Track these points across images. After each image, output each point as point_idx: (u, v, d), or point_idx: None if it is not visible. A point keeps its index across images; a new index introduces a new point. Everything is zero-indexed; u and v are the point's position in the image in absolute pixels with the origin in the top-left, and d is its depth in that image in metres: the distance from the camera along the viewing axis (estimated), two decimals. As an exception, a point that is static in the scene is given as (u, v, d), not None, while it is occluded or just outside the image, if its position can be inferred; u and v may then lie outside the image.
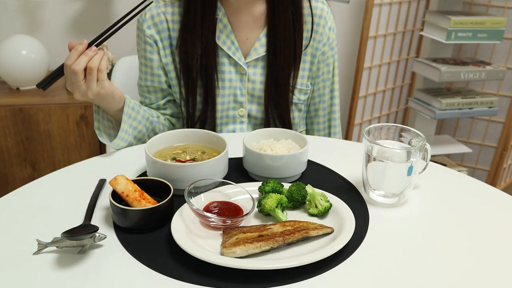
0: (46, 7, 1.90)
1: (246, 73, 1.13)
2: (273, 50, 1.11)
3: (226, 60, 1.12)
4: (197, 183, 0.79)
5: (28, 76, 1.73)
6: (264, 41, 1.12)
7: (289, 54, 1.11)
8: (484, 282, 0.66)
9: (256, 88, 1.15)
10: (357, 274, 0.67)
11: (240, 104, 1.15)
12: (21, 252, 0.69)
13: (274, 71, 1.12)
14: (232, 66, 1.13)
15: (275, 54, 1.11)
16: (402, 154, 0.81)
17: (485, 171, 2.47)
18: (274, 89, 1.13)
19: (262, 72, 1.14)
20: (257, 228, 0.73)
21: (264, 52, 1.12)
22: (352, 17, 2.31)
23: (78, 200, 0.83)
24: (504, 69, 2.07)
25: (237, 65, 1.13)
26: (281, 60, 1.11)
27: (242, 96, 1.15)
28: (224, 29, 1.10)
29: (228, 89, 1.13)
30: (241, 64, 1.12)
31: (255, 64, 1.13)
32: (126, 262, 0.68)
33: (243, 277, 0.65)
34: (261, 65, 1.14)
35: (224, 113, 1.15)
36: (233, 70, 1.13)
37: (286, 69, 1.12)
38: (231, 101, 1.15)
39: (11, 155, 1.66)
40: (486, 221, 0.81)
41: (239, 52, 1.12)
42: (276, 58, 1.11)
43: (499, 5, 2.24)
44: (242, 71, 1.13)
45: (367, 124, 2.43)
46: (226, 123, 1.16)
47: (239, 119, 1.17)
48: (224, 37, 1.11)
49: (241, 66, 1.12)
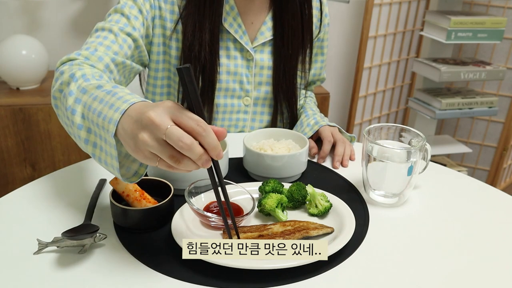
0: (46, 7, 1.90)
1: (253, 58, 1.09)
2: (280, 35, 1.08)
3: (231, 45, 1.07)
4: (198, 183, 0.79)
5: (28, 76, 1.73)
6: (270, 25, 1.09)
7: (297, 40, 1.08)
8: (484, 282, 0.66)
9: (264, 74, 1.11)
10: (357, 274, 0.67)
11: (246, 92, 1.12)
12: (21, 252, 0.69)
13: (282, 58, 1.09)
14: (238, 52, 1.08)
15: (282, 39, 1.08)
16: (402, 154, 0.81)
17: (485, 171, 2.47)
18: (283, 75, 1.10)
19: (269, 57, 1.11)
20: (257, 228, 0.73)
21: (270, 36, 1.09)
22: (352, 17, 2.31)
23: (78, 200, 0.83)
24: (504, 69, 2.07)
25: (243, 50, 1.08)
26: (289, 47, 1.08)
27: (249, 83, 1.11)
28: (231, 11, 1.05)
29: (234, 75, 1.09)
30: (248, 49, 1.08)
31: (262, 49, 1.10)
32: (126, 262, 0.68)
33: (243, 277, 0.65)
34: (268, 50, 1.10)
35: (229, 101, 1.11)
36: (238, 56, 1.08)
37: (294, 57, 1.10)
38: (236, 89, 1.11)
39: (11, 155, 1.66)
40: (486, 221, 0.81)
41: (246, 36, 1.07)
42: (284, 44, 1.08)
43: (499, 5, 2.24)
44: (249, 57, 1.09)
45: (367, 124, 2.43)
46: (230, 112, 1.13)
47: (244, 109, 1.13)
48: (231, 20, 1.05)
49: (247, 51, 1.08)
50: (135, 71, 1.02)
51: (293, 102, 1.15)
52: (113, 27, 0.94)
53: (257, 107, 1.15)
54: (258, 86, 1.13)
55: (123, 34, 0.95)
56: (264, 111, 1.16)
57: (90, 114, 0.68)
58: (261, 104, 1.15)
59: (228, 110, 1.12)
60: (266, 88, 1.13)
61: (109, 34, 0.94)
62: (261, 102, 1.15)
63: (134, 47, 0.98)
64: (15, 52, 1.69)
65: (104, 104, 0.67)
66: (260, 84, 1.13)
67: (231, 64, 1.08)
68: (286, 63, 1.10)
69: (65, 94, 0.75)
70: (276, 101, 1.14)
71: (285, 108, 1.15)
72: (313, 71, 1.26)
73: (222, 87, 1.09)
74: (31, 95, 1.70)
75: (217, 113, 1.12)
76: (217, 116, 1.12)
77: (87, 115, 0.69)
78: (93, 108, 0.68)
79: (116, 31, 0.94)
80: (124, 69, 0.96)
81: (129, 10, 0.97)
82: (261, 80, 1.12)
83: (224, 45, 1.07)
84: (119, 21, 0.96)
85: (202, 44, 1.01)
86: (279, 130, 1.00)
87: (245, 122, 1.15)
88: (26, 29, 1.91)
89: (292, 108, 1.15)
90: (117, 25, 0.95)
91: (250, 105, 1.14)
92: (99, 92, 0.70)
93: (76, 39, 1.98)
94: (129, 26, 0.96)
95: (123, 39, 0.95)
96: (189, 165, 0.59)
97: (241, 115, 1.14)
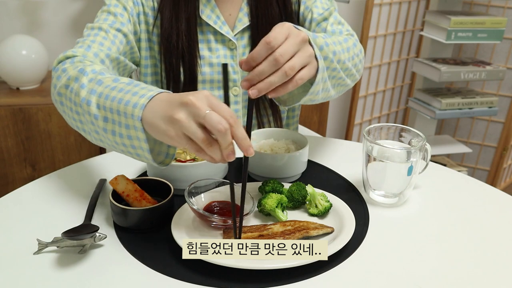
0: (46, 7, 1.90)
1: (236, 47, 1.09)
2: (256, 20, 1.07)
3: (212, 37, 1.08)
4: (198, 183, 0.79)
5: (28, 76, 1.73)
6: (247, 11, 1.09)
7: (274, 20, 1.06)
8: (484, 282, 0.66)
9: None
10: (357, 274, 0.67)
11: (233, 82, 1.11)
12: (21, 252, 0.69)
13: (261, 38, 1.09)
14: (219, 43, 1.08)
15: (258, 24, 1.07)
16: (402, 154, 0.81)
17: (485, 171, 2.47)
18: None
19: (249, 42, 1.10)
20: (257, 228, 0.73)
21: (248, 22, 1.09)
22: (352, 17, 2.31)
23: (78, 200, 0.83)
24: (504, 69, 2.07)
25: (225, 40, 1.08)
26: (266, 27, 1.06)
27: (235, 73, 1.10)
28: (208, 3, 1.06)
29: (217, 66, 1.08)
30: (230, 38, 1.08)
31: (242, 35, 1.10)
32: (126, 262, 0.68)
33: (243, 277, 0.65)
34: (247, 35, 1.10)
35: (216, 92, 1.10)
36: (220, 47, 1.09)
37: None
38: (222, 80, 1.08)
39: (11, 155, 1.66)
40: (486, 221, 0.81)
41: (226, 26, 1.07)
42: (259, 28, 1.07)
43: (499, 5, 2.24)
44: (232, 46, 1.09)
45: (367, 124, 2.43)
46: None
47: (234, 99, 1.12)
48: (209, 12, 1.06)
49: (230, 40, 1.08)
50: (129, 69, 1.03)
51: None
52: (102, 25, 0.96)
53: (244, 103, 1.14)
54: (244, 73, 1.12)
55: (113, 30, 0.97)
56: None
57: (107, 102, 0.70)
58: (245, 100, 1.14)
59: None
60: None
61: (100, 32, 0.95)
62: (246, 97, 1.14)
63: (125, 42, 0.99)
64: (15, 52, 1.69)
65: (126, 92, 0.69)
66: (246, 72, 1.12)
67: (213, 56, 1.09)
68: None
69: (73, 88, 0.76)
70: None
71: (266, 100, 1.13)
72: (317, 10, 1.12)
73: (207, 79, 1.09)
74: (31, 95, 1.70)
75: None
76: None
77: (104, 104, 0.70)
78: (112, 97, 0.70)
79: (106, 28, 0.96)
80: (119, 66, 0.97)
81: (114, 9, 1.00)
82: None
83: (204, 38, 1.08)
84: (106, 19, 0.99)
85: (179, 34, 1.03)
86: (279, 130, 1.00)
87: (238, 113, 1.14)
88: (26, 29, 1.91)
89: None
90: (106, 23, 0.97)
91: (240, 94, 1.13)
92: (117, 83, 0.72)
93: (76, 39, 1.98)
94: (117, 23, 0.98)
95: (114, 35, 0.97)
96: (216, 153, 0.62)
97: (233, 106, 1.13)
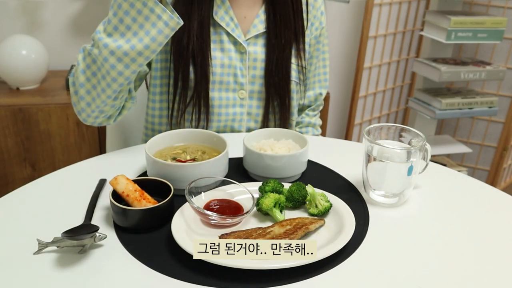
0: (46, 7, 1.90)
1: (246, 51, 1.10)
2: (273, 27, 1.10)
3: (225, 38, 1.09)
4: (198, 181, 0.79)
5: (28, 76, 1.73)
6: (263, 18, 1.10)
7: (289, 30, 1.10)
8: (484, 282, 0.66)
9: (258, 67, 1.12)
10: (357, 274, 0.67)
11: (240, 85, 1.12)
12: (21, 252, 0.69)
13: (275, 49, 1.10)
14: (232, 45, 1.10)
15: (275, 31, 1.10)
16: (402, 154, 0.81)
17: (485, 171, 2.47)
18: (275, 68, 1.11)
19: (262, 50, 1.12)
20: (258, 234, 0.71)
21: (263, 29, 1.10)
22: (352, 17, 2.31)
23: (78, 200, 0.83)
24: (504, 69, 2.07)
25: (237, 43, 1.10)
26: (281, 37, 1.09)
27: (243, 76, 1.12)
28: (222, 5, 1.07)
29: (228, 68, 1.10)
30: (240, 42, 1.09)
31: (255, 42, 1.11)
32: (126, 262, 0.68)
33: (243, 277, 0.65)
34: (261, 43, 1.12)
35: (224, 94, 1.12)
36: (232, 49, 1.10)
37: (287, 47, 1.11)
38: (231, 82, 1.11)
39: (11, 155, 1.66)
40: (486, 221, 0.81)
41: (238, 29, 1.09)
42: (277, 35, 1.09)
43: (499, 5, 2.24)
44: (242, 50, 1.10)
45: (367, 124, 2.43)
46: (225, 105, 1.13)
47: (239, 102, 1.14)
48: (222, 13, 1.07)
49: (240, 44, 1.09)
50: (143, 71, 1.06)
51: (285, 94, 1.15)
52: None
53: (253, 101, 1.15)
54: (253, 79, 1.13)
55: None
56: (260, 104, 1.16)
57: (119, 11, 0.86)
58: (256, 98, 1.15)
59: (223, 103, 1.13)
60: (260, 81, 1.14)
61: None
62: (256, 95, 1.15)
63: None
64: (15, 52, 1.69)
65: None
66: (254, 77, 1.13)
67: (225, 57, 1.09)
68: (279, 54, 1.11)
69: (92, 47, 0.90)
70: (268, 93, 1.14)
71: (276, 100, 1.15)
72: (312, 73, 1.26)
73: (216, 80, 1.10)
74: (31, 95, 1.70)
75: (213, 107, 1.12)
76: (213, 110, 1.12)
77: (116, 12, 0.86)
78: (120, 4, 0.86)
79: None
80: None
81: None
82: (255, 73, 1.13)
83: (217, 39, 1.09)
84: None
85: (190, 36, 1.03)
86: (279, 130, 1.00)
87: (242, 116, 1.15)
88: (26, 29, 1.91)
89: (284, 100, 1.15)
90: None
91: (246, 98, 1.14)
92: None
93: (76, 39, 1.98)
94: None
95: None
96: None
97: (237, 109, 1.14)
